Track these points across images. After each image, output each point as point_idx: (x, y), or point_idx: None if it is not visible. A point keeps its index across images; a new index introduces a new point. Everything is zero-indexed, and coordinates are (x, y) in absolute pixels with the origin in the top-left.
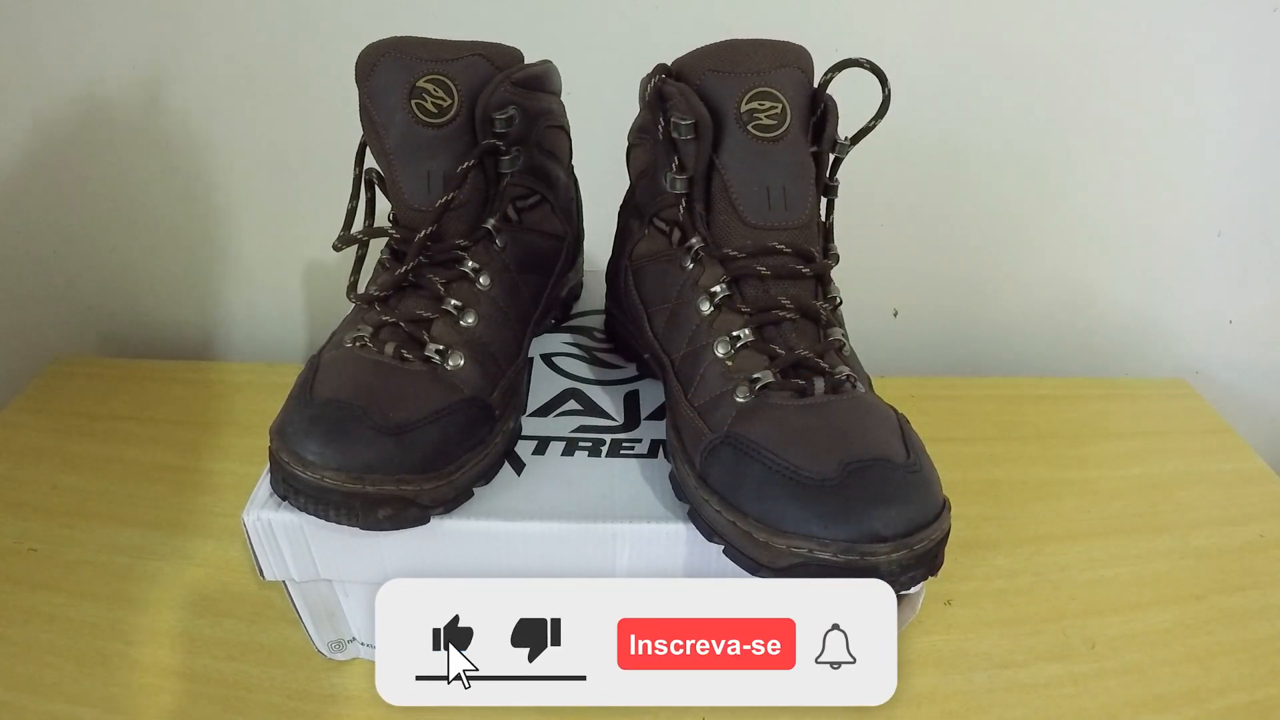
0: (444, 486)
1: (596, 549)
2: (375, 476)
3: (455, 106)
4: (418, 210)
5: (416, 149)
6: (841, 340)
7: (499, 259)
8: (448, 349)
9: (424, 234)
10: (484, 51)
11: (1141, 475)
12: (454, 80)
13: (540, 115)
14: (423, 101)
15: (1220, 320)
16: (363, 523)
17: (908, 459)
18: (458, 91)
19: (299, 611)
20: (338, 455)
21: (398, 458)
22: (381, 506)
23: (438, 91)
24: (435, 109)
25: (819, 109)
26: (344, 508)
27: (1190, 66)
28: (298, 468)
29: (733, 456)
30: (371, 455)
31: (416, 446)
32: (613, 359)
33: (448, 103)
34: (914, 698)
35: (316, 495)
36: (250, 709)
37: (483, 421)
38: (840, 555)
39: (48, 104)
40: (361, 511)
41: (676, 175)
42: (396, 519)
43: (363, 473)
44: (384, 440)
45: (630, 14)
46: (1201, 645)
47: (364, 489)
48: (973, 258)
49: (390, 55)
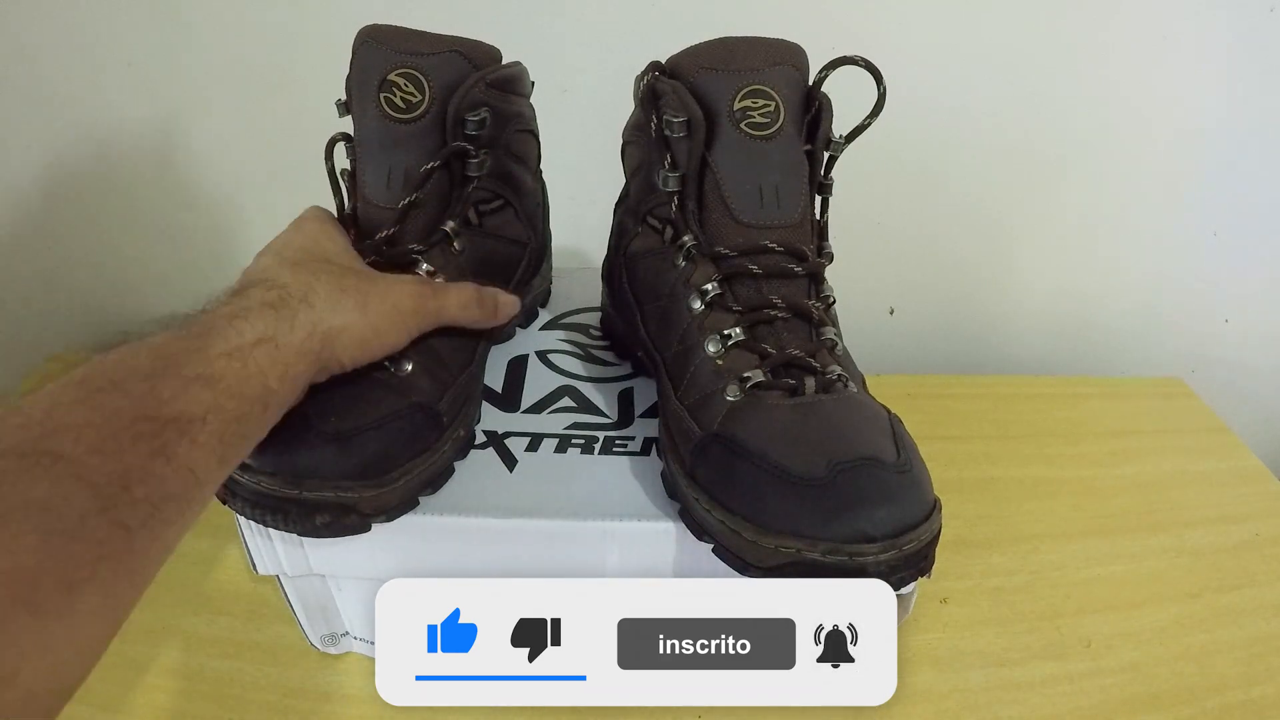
0: (386, 494)
1: (587, 547)
2: (312, 482)
3: (426, 103)
4: (376, 207)
5: (381, 143)
6: (834, 339)
7: (455, 263)
8: (398, 355)
9: (383, 235)
10: (462, 48)
11: (1137, 474)
12: (427, 76)
13: (511, 118)
14: (392, 95)
15: (1216, 319)
16: (300, 529)
17: (898, 459)
18: (430, 88)
19: (292, 606)
20: (275, 461)
21: (337, 464)
22: (319, 513)
23: (408, 86)
24: (404, 104)
25: (813, 107)
26: (280, 513)
27: (1187, 66)
28: (236, 472)
29: (722, 455)
30: (309, 461)
31: (357, 453)
32: (608, 356)
33: (418, 99)
34: (910, 696)
35: (254, 500)
36: (246, 707)
37: (430, 429)
38: (828, 555)
39: (45, 103)
40: (298, 518)
41: (669, 173)
42: (335, 526)
43: (300, 479)
44: (324, 446)
45: (628, 11)
46: (1197, 643)
47: (300, 495)
48: (969, 256)
49: (367, 44)
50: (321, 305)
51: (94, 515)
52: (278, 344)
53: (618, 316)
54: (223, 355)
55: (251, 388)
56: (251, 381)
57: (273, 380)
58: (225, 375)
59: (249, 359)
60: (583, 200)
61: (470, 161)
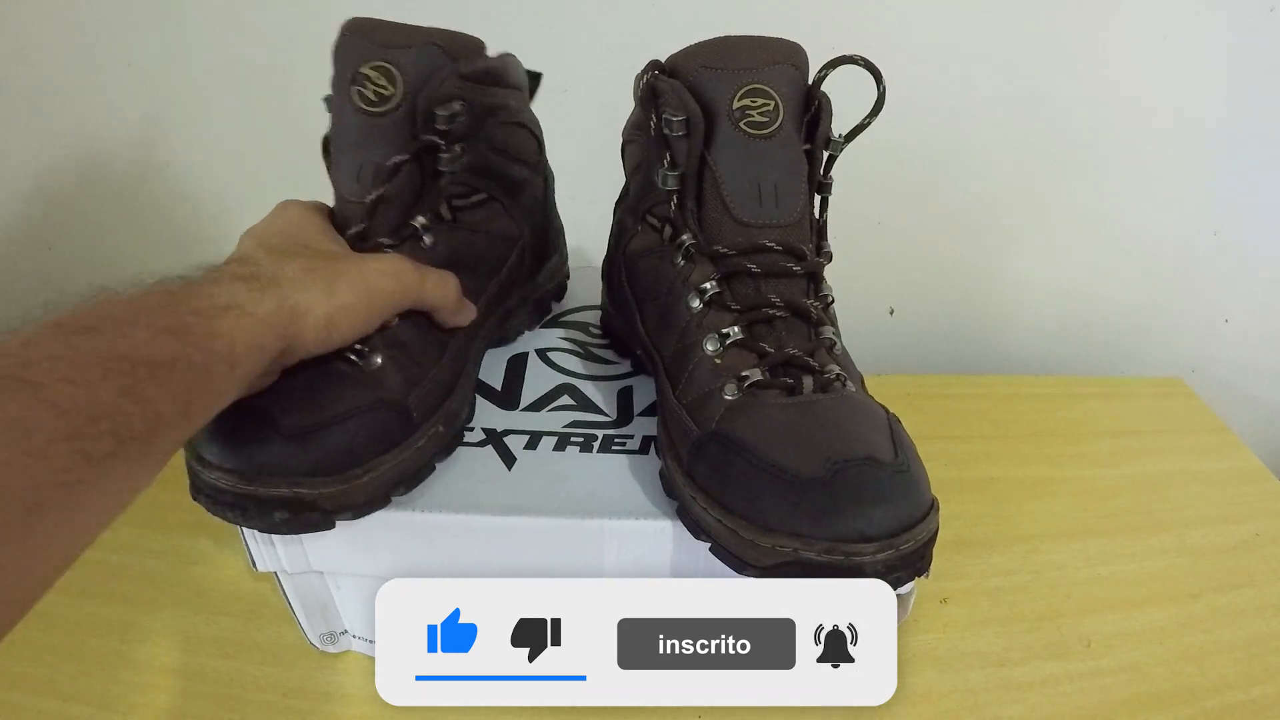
0: (349, 491)
1: (584, 544)
2: (269, 479)
3: (397, 97)
4: (348, 202)
5: (353, 137)
6: (833, 339)
7: (425, 258)
8: (368, 348)
9: (354, 231)
10: (440, 40)
11: (1137, 474)
12: (400, 68)
13: (494, 111)
14: (363, 88)
15: (1216, 319)
16: (259, 525)
17: (896, 458)
18: (402, 81)
19: (291, 604)
20: (232, 456)
21: (294, 460)
22: (277, 509)
23: (380, 79)
24: (375, 97)
25: (813, 106)
26: (238, 509)
27: (1187, 66)
28: (199, 468)
29: (720, 454)
30: (266, 457)
31: (315, 449)
32: (608, 355)
33: (389, 92)
34: (910, 696)
35: (214, 495)
36: (246, 707)
37: (397, 425)
38: (825, 555)
39: (45, 103)
40: (256, 514)
41: (668, 171)
42: (294, 523)
43: (255, 475)
44: (282, 442)
45: (628, 11)
46: (1197, 644)
47: (256, 491)
48: (969, 256)
49: (345, 36)
50: (289, 284)
51: (60, 441)
52: (245, 311)
53: (617, 315)
54: (192, 313)
55: (219, 346)
56: (219, 341)
57: (240, 345)
58: (194, 330)
59: (217, 320)
60: (583, 199)
61: (442, 156)
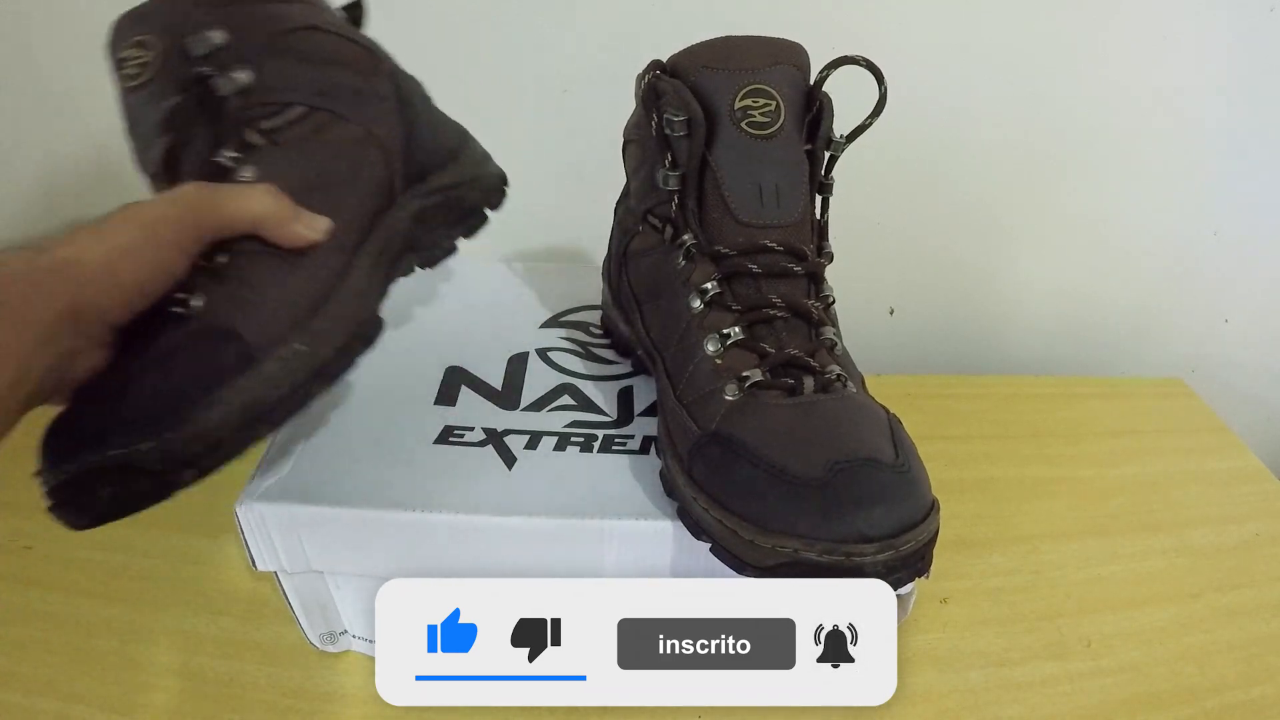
0: (172, 442)
1: (585, 544)
2: (82, 455)
3: (154, 58)
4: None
5: (132, 118)
6: (833, 339)
7: None
8: (189, 294)
9: None
10: None
11: (1137, 474)
12: (150, 32)
13: (273, 20)
14: (124, 70)
15: (1216, 319)
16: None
17: (896, 459)
18: (156, 41)
19: (291, 604)
20: (49, 454)
21: (99, 423)
22: (100, 487)
23: (137, 54)
24: (136, 70)
25: (814, 106)
26: (66, 505)
27: (1187, 66)
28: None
29: (720, 454)
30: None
31: (119, 406)
32: (608, 355)
33: (146, 57)
34: (910, 696)
35: (52, 502)
36: (246, 707)
37: (222, 355)
38: (825, 555)
39: (45, 103)
40: (83, 502)
41: (669, 172)
42: (126, 497)
43: (64, 459)
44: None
45: (628, 11)
46: (1197, 644)
47: (72, 472)
48: (969, 256)
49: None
50: (55, 245)
51: None
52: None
53: (618, 315)
54: None
55: None
56: None
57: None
58: None
59: None
60: (583, 199)
61: (217, 82)
